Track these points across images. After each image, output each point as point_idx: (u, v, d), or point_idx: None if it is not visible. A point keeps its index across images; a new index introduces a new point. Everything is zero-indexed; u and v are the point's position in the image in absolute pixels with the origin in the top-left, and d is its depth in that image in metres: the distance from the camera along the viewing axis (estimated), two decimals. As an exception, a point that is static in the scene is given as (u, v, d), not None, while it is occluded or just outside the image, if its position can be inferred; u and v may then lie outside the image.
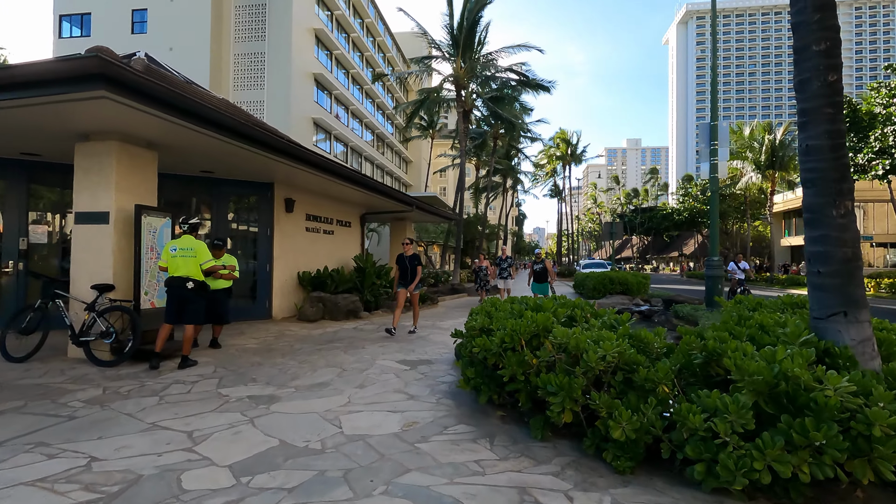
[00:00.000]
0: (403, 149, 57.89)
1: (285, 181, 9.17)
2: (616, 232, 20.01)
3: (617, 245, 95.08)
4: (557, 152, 45.86)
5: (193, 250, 5.23)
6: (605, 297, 15.91)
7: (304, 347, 6.60)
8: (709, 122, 10.61)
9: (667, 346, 3.50)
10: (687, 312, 10.63)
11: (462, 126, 23.32)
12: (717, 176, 10.32)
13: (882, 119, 17.55)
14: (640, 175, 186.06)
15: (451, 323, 9.50)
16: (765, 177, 35.14)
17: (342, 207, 11.85)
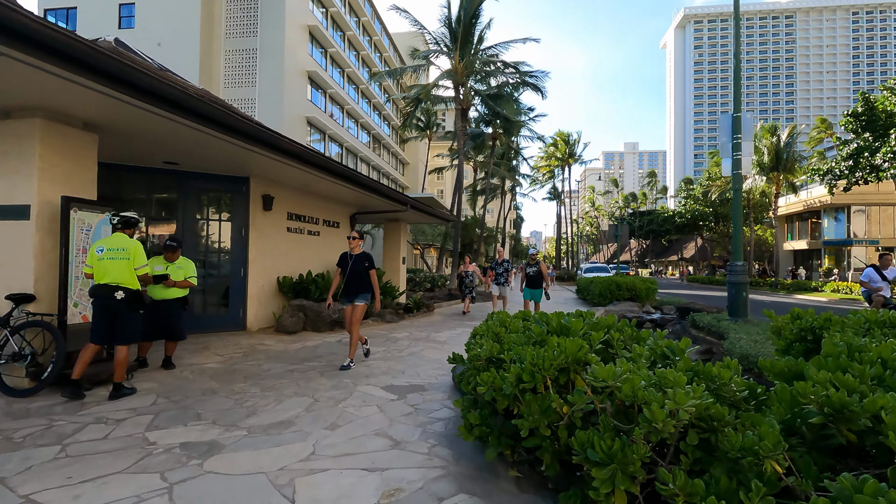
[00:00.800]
0: (400, 150, 57.00)
1: (263, 175, 8.17)
2: (622, 234, 19.08)
3: (614, 249, 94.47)
4: (557, 153, 45.00)
5: (126, 251, 4.20)
6: (611, 303, 14.97)
7: (273, 368, 5.59)
8: (731, 114, 9.69)
9: (748, 386, 2.52)
10: (708, 323, 9.67)
11: (460, 125, 22.39)
12: (741, 172, 9.39)
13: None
14: (637, 179, 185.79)
15: (447, 335, 8.50)
16: (769, 179, 34.37)
17: (329, 206, 10.86)
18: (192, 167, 7.47)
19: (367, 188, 9.43)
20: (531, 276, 10.15)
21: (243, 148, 6.29)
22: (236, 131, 5.61)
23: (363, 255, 5.89)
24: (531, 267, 10.18)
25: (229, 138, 5.70)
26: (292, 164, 7.11)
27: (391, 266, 14.68)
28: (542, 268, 10.17)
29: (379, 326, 9.43)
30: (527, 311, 4.77)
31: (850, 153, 19.41)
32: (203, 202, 7.99)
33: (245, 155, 6.83)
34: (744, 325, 8.53)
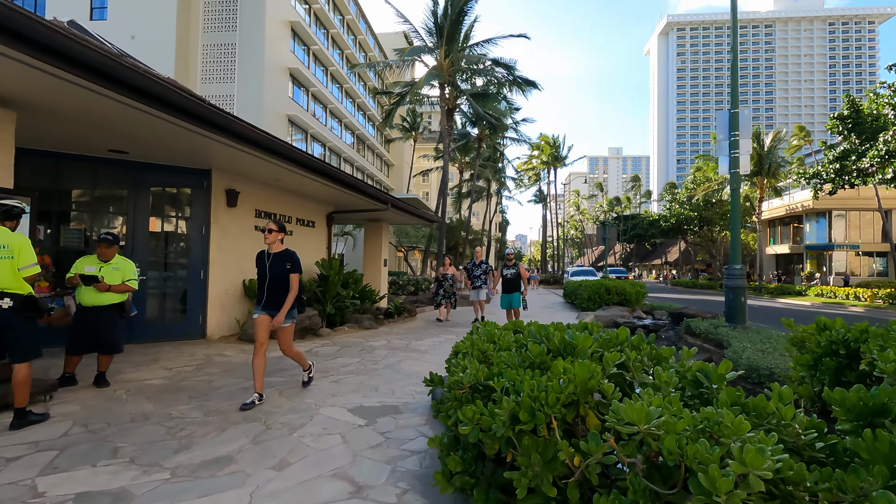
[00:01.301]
0: (385, 151, 56.25)
1: (226, 168, 7.42)
2: (609, 236, 18.61)
3: (598, 253, 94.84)
4: (542, 156, 44.72)
5: (7, 248, 3.41)
6: (600, 308, 14.46)
7: (227, 385, 4.85)
8: (728, 111, 9.24)
9: (814, 426, 1.91)
10: (705, 329, 9.17)
11: (445, 125, 21.78)
12: (739, 171, 8.93)
13: (893, 120, 16.58)
14: (620, 183, 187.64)
15: (429, 343, 7.83)
16: (753, 184, 34.52)
17: (303, 204, 10.12)
18: (145, 157, 6.70)
19: (343, 184, 8.73)
20: (508, 279, 9.25)
21: (199, 134, 5.56)
22: (185, 112, 4.88)
23: (285, 253, 4.48)
24: (508, 269, 9.34)
25: (179, 121, 4.98)
26: (257, 153, 6.39)
27: (372, 268, 13.97)
28: (520, 270, 9.36)
29: (355, 334, 8.72)
30: (518, 321, 4.16)
31: (837, 156, 19.30)
32: (158, 197, 7.20)
33: (203, 144, 6.10)
34: (745, 333, 8.03)
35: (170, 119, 4.90)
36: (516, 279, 9.27)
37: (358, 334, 8.67)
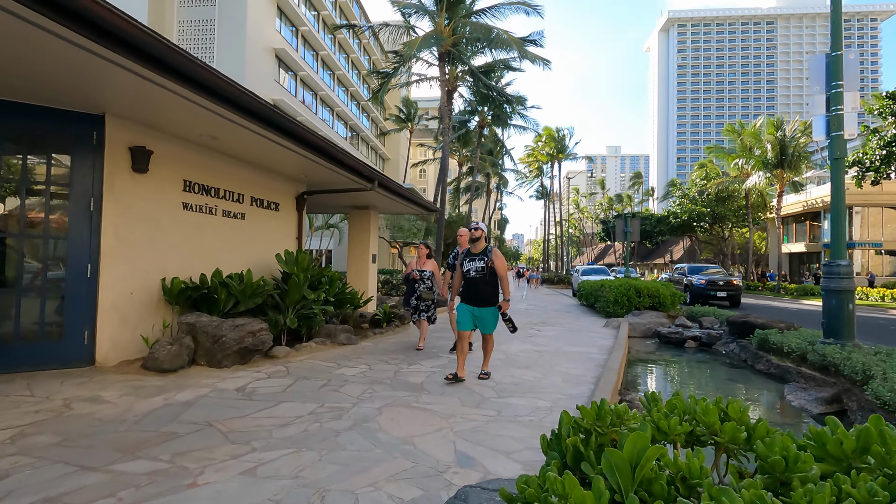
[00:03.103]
0: (380, 144, 53.74)
1: (131, 113, 5.04)
2: (631, 230, 16.34)
3: (598, 251, 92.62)
4: (546, 148, 42.39)
5: None
6: (629, 313, 12.16)
7: (42, 472, 2.48)
8: (826, 54, 6.93)
9: None
10: (797, 347, 6.88)
11: (446, 107, 19.40)
12: (843, 134, 6.64)
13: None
14: (619, 182, 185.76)
15: (427, 369, 5.47)
16: (773, 177, 32.32)
17: (263, 180, 7.74)
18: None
19: (312, 148, 6.35)
20: (473, 279, 5.10)
21: (77, 47, 3.22)
22: None
23: None
24: (472, 260, 5.14)
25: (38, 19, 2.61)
26: (175, 87, 4.05)
27: (357, 265, 11.61)
28: (496, 264, 5.09)
29: (325, 353, 6.34)
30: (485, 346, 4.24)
31: (889, 141, 17.06)
32: (11, 151, 4.81)
33: (88, 67, 3.74)
34: (870, 354, 5.75)
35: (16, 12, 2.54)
36: (488, 279, 5.07)
37: (328, 354, 6.30)
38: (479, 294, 5.05)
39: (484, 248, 5.15)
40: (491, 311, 5.07)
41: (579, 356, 6.83)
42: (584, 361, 6.43)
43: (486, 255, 5.08)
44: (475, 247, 5.17)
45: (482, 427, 3.56)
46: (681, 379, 6.76)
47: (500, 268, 5.09)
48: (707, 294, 18.13)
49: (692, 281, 19.31)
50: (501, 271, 5.09)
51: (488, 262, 5.05)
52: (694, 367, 7.59)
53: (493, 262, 5.06)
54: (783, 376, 6.38)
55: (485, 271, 5.04)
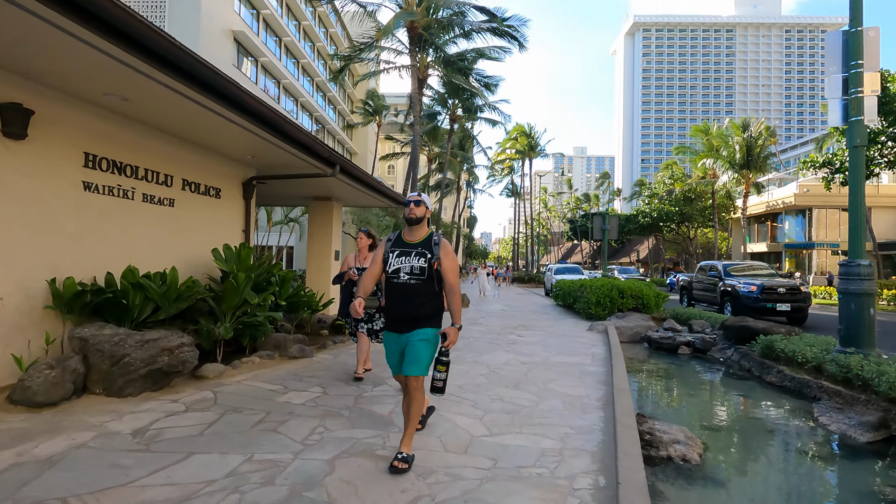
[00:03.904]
0: (347, 138, 51.96)
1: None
2: (609, 228, 15.70)
3: (565, 250, 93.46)
4: (517, 146, 41.82)
5: None
6: (613, 315, 11.42)
7: None
8: (843, 31, 6.25)
9: None
10: (813, 357, 6.17)
11: (416, 94, 18.31)
12: (863, 119, 5.98)
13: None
14: (585, 182, 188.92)
15: (397, 394, 4.40)
16: (741, 177, 32.75)
17: (200, 159, 6.45)
18: None
19: (256, 118, 5.15)
20: (403, 287, 2.96)
21: None
22: None
23: None
24: (407, 255, 2.98)
25: None
26: (53, 17, 2.82)
27: (317, 263, 10.42)
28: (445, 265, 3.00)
29: (269, 371, 5.16)
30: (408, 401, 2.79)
31: (862, 140, 17.04)
32: None
33: None
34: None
35: None
36: (428, 288, 2.98)
37: (274, 371, 5.13)
38: (411, 310, 2.91)
39: (426, 237, 3.03)
40: (425, 336, 2.89)
41: (573, 369, 5.90)
42: (581, 376, 5.50)
43: (431, 249, 2.96)
44: (413, 233, 3.04)
45: (475, 492, 2.53)
46: (688, 395, 5.94)
47: (450, 270, 2.98)
48: (761, 307, 11.70)
49: (735, 287, 12.64)
50: (451, 276, 2.98)
51: (432, 260, 2.93)
52: (696, 379, 6.80)
53: (441, 262, 2.96)
54: (801, 391, 5.63)
55: (424, 274, 2.92)
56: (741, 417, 4.97)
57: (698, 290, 15.17)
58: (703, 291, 14.94)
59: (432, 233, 3.07)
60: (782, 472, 3.59)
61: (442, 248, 2.98)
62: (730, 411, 5.18)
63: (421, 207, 3.02)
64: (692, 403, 5.49)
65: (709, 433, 4.21)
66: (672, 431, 3.90)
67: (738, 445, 4.07)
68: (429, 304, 2.96)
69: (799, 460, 3.75)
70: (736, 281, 12.93)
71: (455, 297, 2.96)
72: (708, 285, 14.49)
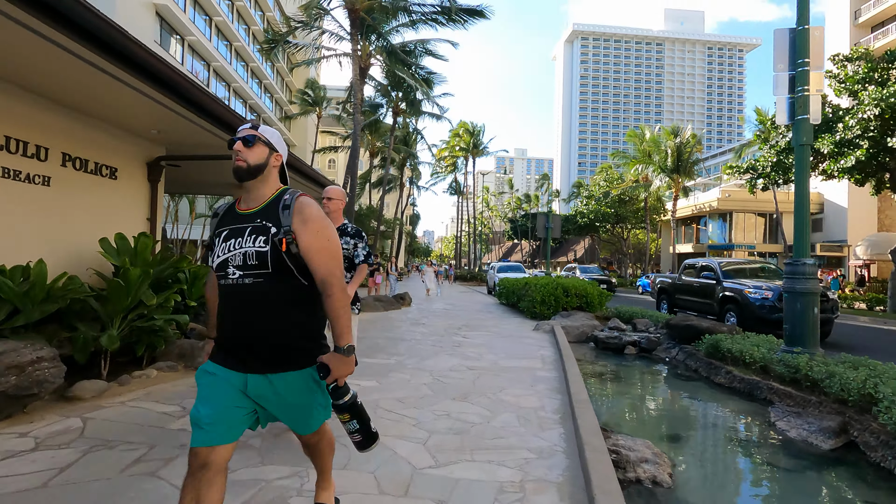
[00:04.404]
0: (285, 129, 49.48)
1: None
2: (553, 227, 15.64)
3: (506, 249, 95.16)
4: (461, 143, 41.64)
5: None
6: (557, 314, 11.22)
7: None
8: (790, 29, 6.23)
9: None
10: (761, 358, 6.11)
11: (357, 83, 17.35)
12: (808, 118, 5.98)
13: (851, 109, 15.46)
14: (525, 183, 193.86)
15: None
16: (671, 181, 34.44)
17: (89, 131, 5.35)
18: None
19: (152, 78, 4.22)
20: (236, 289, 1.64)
21: None
22: None
23: None
24: (237, 234, 1.67)
25: None
26: None
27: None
28: (305, 241, 1.63)
29: (170, 384, 4.25)
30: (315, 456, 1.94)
31: (784, 148, 18.18)
32: None
33: None
34: (849, 367, 5.01)
35: None
36: (274, 290, 1.64)
37: (173, 388, 4.23)
38: (254, 336, 1.65)
39: (272, 199, 1.72)
40: (296, 387, 1.71)
41: (524, 374, 5.44)
42: (533, 383, 5.04)
43: (276, 218, 1.66)
44: (249, 196, 1.74)
45: (420, 556, 1.91)
46: (642, 400, 5.65)
47: (318, 253, 1.65)
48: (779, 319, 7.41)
49: (743, 293, 9.75)
50: (322, 262, 1.65)
51: (279, 238, 1.63)
52: (647, 381, 6.58)
53: (299, 239, 1.64)
54: (751, 392, 5.50)
55: (268, 265, 1.63)
56: (700, 425, 4.70)
57: (685, 296, 11.99)
58: (692, 297, 11.65)
59: (283, 191, 1.73)
60: (757, 489, 3.28)
61: (297, 214, 1.63)
62: (687, 418, 4.92)
63: (257, 149, 1.68)
64: (648, 410, 5.19)
65: (672, 446, 3.86)
66: (638, 447, 3.49)
67: (705, 460, 3.74)
68: (287, 323, 1.65)
69: (770, 475, 3.46)
70: (742, 285, 9.99)
71: (335, 301, 1.61)
72: (700, 290, 11.27)
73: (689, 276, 12.13)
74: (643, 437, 3.79)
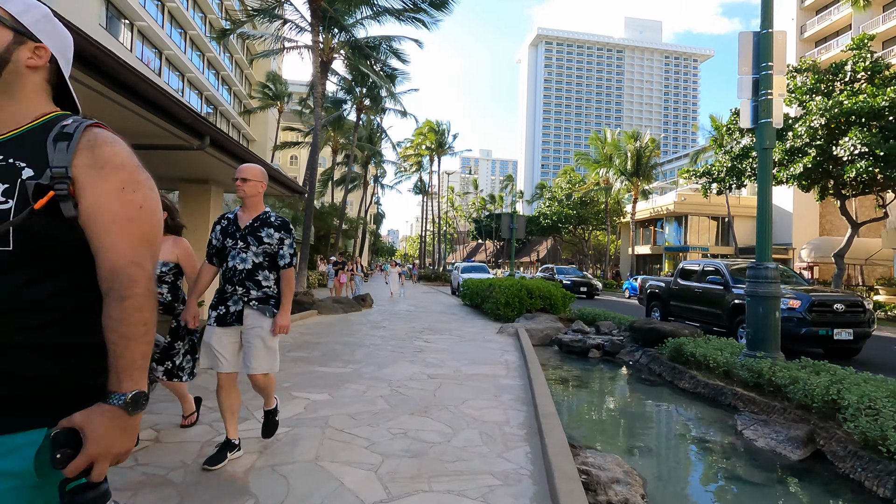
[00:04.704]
0: (244, 123, 47.72)
1: None
2: (517, 227, 15.55)
3: (470, 249, 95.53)
4: (427, 142, 41.30)
5: None
6: (522, 316, 11.07)
7: None
8: (756, 32, 6.23)
9: None
10: (726, 363, 6.08)
11: (318, 76, 16.72)
12: (771, 122, 5.98)
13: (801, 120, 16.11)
14: (490, 184, 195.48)
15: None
16: (631, 184, 35.29)
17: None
18: None
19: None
20: None
21: None
22: None
23: None
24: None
25: None
26: None
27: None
28: (88, 202, 0.90)
29: None
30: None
31: (738, 154, 18.79)
32: None
33: None
34: (811, 372, 5.00)
35: None
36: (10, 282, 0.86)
37: None
38: None
39: (42, 122, 0.94)
40: None
41: (488, 383, 5.17)
42: (497, 392, 4.77)
43: (46, 156, 0.90)
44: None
45: None
46: (607, 407, 5.49)
47: (124, 222, 0.93)
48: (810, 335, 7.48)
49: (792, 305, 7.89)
50: (125, 241, 0.93)
51: (42, 187, 0.86)
52: (610, 387, 6.46)
53: (80, 191, 0.90)
54: (716, 398, 5.43)
55: (9, 237, 0.85)
56: (667, 435, 4.56)
57: (684, 303, 10.12)
58: (693, 305, 9.81)
59: (59, 115, 0.97)
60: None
61: (84, 151, 0.92)
62: (653, 428, 4.77)
63: None
64: (615, 419, 5.02)
65: (643, 462, 3.67)
66: (608, 465, 3.26)
67: (678, 478, 3.57)
68: (28, 345, 0.87)
69: (742, 490, 3.31)
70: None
71: (132, 310, 0.90)
72: (704, 297, 9.45)
73: (689, 280, 10.21)
74: (613, 452, 3.59)
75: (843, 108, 14.89)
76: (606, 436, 4.40)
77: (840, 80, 16.72)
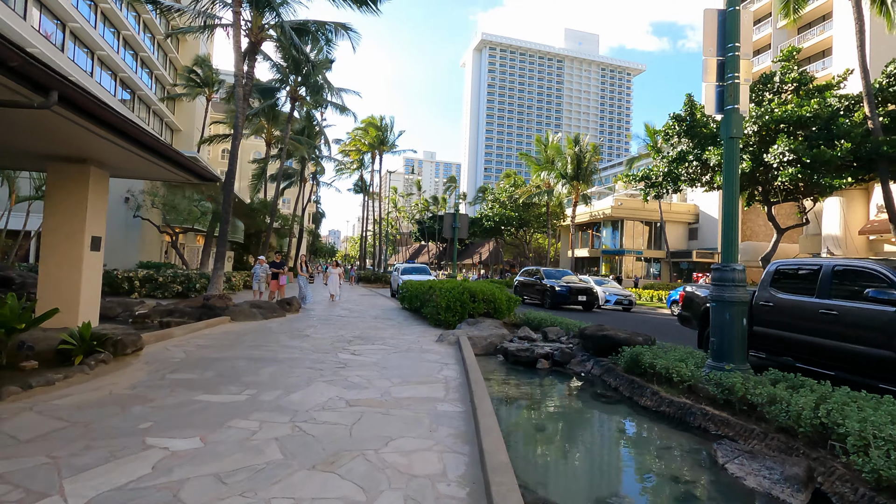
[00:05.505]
0: (167, 111, 43.71)
1: None
2: (460, 226, 14.68)
3: (413, 250, 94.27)
4: (368, 138, 39.69)
5: None
6: (463, 321, 10.17)
7: None
8: (721, 10, 5.66)
9: None
10: (689, 376, 5.42)
11: (239, 56, 14.97)
12: (738, 108, 5.43)
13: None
14: (434, 186, 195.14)
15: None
16: (571, 188, 35.69)
17: None
18: None
19: None
20: None
21: None
22: None
23: None
24: None
25: None
26: None
27: (59, 258, 7.13)
28: None
29: None
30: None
31: (674, 158, 19.05)
32: None
33: None
34: (794, 388, 4.38)
35: None
36: None
37: None
38: None
39: None
40: None
41: (422, 410, 4.15)
42: (434, 425, 3.76)
43: None
44: None
45: None
46: (563, 435, 4.64)
47: None
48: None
49: None
50: None
51: None
52: (565, 406, 5.64)
53: None
54: (683, 418, 4.73)
55: None
56: (638, 473, 3.73)
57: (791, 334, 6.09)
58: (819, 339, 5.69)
59: None
60: None
61: None
62: (621, 464, 3.95)
63: None
64: (572, 454, 4.14)
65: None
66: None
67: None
68: None
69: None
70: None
71: None
72: (848, 322, 5.35)
73: (798, 294, 6.18)
74: None
75: (774, 116, 15.32)
76: (567, 480, 3.50)
77: (769, 89, 17.31)
